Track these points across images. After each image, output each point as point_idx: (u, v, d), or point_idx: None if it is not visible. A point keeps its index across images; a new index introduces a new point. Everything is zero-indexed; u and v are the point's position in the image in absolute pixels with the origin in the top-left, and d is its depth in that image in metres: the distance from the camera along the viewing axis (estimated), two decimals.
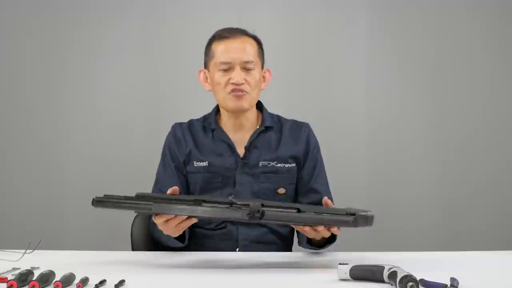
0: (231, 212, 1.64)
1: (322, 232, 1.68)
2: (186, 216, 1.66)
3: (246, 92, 2.03)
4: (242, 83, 2.02)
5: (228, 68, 2.03)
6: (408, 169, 3.37)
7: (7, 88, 3.39)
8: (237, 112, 2.08)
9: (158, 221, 1.68)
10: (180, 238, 1.88)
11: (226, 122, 2.12)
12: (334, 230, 1.68)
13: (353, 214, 1.59)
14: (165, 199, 1.67)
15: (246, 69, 2.03)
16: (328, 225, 1.66)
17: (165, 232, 1.75)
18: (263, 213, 1.61)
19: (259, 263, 1.79)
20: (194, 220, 1.69)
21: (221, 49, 2.04)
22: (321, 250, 1.93)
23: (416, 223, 3.34)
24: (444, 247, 3.21)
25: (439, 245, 3.28)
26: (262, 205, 1.62)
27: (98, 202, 1.68)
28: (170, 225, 1.68)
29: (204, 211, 1.64)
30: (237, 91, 2.02)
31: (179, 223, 1.67)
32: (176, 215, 1.65)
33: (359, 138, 3.38)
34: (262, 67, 2.11)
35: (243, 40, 2.06)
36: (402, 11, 3.40)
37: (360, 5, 3.39)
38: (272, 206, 1.64)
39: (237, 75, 2.02)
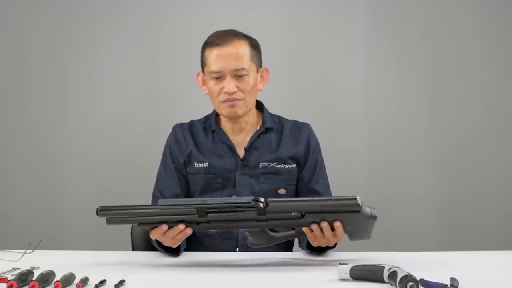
0: (237, 201, 1.67)
1: (327, 233, 1.68)
2: (183, 227, 1.67)
3: (240, 99, 2.02)
4: (234, 92, 2.00)
5: (219, 77, 2.01)
6: (407, 169, 3.37)
7: (7, 88, 3.39)
8: (233, 119, 2.09)
9: (154, 236, 1.70)
10: (176, 250, 1.88)
11: (226, 125, 2.13)
12: (337, 225, 1.66)
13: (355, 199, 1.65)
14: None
15: (238, 76, 2.01)
16: (333, 210, 1.65)
17: (164, 243, 1.77)
18: (267, 203, 1.65)
19: (259, 263, 1.79)
20: (190, 232, 1.70)
21: (212, 57, 2.01)
22: (319, 257, 1.92)
23: (416, 223, 3.34)
24: (444, 247, 3.21)
25: (439, 245, 3.28)
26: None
27: (103, 211, 1.68)
28: (168, 235, 1.70)
29: (210, 202, 1.67)
30: (230, 101, 2.02)
31: (175, 234, 1.69)
32: (170, 227, 1.67)
33: (359, 138, 3.38)
34: (260, 67, 2.09)
35: (235, 44, 2.01)
36: (401, 11, 3.40)
37: (360, 5, 3.39)
38: (276, 200, 1.69)
39: (228, 84, 2.00)
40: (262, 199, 1.67)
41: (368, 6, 3.40)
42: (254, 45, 2.07)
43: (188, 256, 1.89)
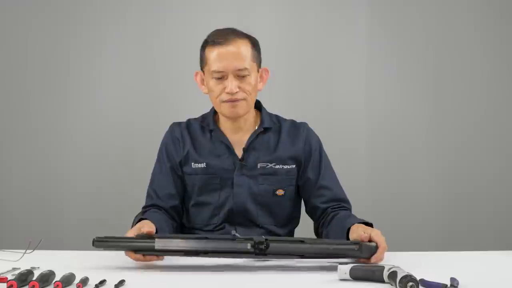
0: (235, 244, 1.64)
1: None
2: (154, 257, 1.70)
3: (242, 99, 2.00)
4: (236, 92, 1.98)
5: (221, 77, 1.99)
6: (408, 169, 3.37)
7: (7, 88, 3.39)
8: (233, 118, 2.07)
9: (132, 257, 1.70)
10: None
11: (224, 124, 2.10)
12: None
13: (358, 243, 1.65)
14: (166, 237, 1.71)
15: (240, 76, 1.99)
16: (333, 255, 1.67)
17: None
18: (267, 245, 1.63)
19: (259, 263, 1.79)
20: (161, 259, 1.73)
21: (214, 56, 1.98)
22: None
23: (416, 223, 3.34)
24: (444, 247, 3.21)
25: (439, 245, 3.28)
26: (266, 240, 1.64)
27: (99, 242, 1.67)
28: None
29: (209, 245, 1.65)
30: (232, 101, 1.99)
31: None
32: (145, 255, 1.69)
33: (359, 137, 3.38)
34: (260, 67, 2.07)
35: (236, 44, 1.99)
36: (402, 11, 3.40)
37: (360, 5, 3.39)
38: (276, 241, 1.67)
39: (230, 84, 1.97)
40: (263, 240, 1.63)
41: (368, 6, 3.39)
42: (255, 44, 2.05)
43: (188, 257, 1.89)
